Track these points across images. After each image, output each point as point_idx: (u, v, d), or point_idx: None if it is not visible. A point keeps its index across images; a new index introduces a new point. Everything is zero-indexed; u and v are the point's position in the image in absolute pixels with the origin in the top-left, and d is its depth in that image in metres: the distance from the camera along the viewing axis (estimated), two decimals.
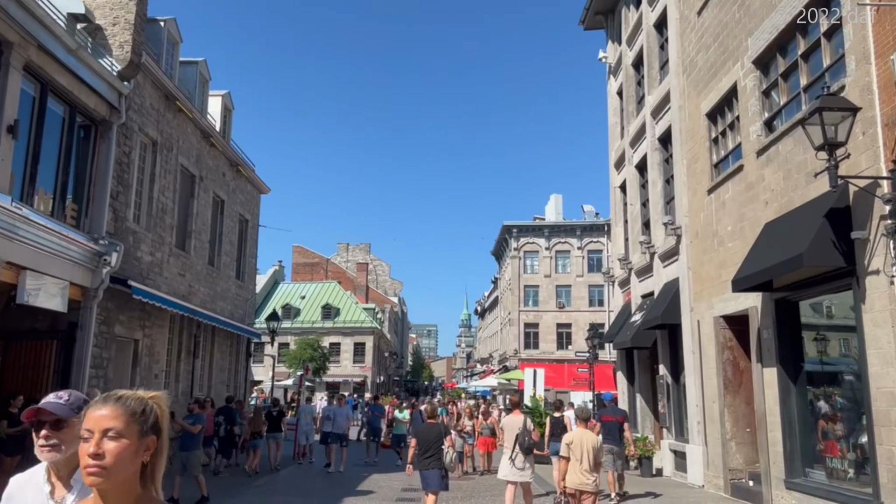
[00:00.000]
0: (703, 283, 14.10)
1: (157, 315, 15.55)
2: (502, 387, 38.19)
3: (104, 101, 12.92)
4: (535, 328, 56.33)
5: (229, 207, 20.65)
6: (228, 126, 21.36)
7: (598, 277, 55.70)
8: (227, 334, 20.26)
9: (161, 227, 15.88)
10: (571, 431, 8.74)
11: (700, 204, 14.31)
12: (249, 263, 22.91)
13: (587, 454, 8.07)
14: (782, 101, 11.14)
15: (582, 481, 8.06)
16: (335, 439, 16.73)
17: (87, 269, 12.45)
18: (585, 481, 8.05)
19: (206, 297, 18.75)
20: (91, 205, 12.93)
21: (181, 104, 16.38)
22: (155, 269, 15.51)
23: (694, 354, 14.52)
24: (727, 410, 12.85)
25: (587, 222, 57.49)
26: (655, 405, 18.45)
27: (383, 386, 68.42)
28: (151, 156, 15.55)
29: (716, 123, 13.90)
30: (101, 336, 13.19)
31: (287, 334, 61.40)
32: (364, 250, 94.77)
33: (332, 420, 16.87)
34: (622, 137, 21.53)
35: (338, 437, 16.67)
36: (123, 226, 13.98)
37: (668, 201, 17.10)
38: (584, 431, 8.41)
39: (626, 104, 20.65)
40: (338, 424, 16.74)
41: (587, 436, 8.30)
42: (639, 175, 19.57)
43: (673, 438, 16.23)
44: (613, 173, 22.09)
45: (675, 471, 15.85)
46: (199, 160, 18.16)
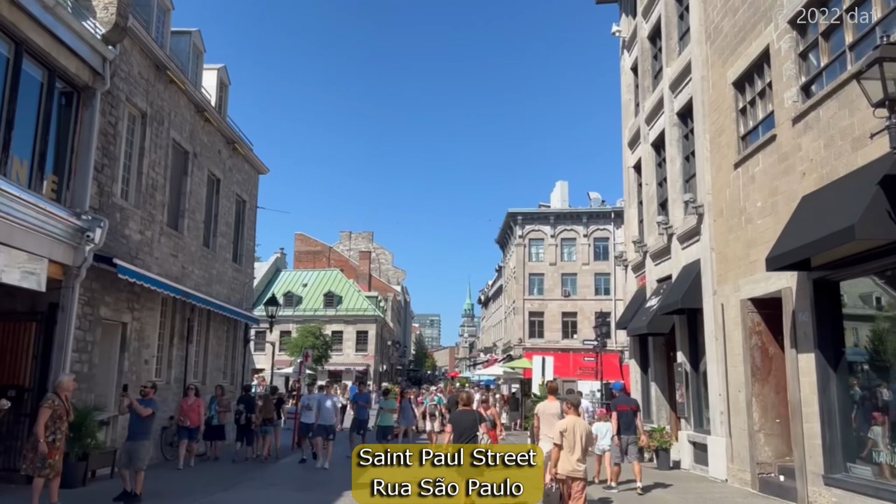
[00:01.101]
0: (728, 264, 13.19)
1: (147, 297, 14.71)
2: (508, 375, 37.30)
3: (87, 65, 12.01)
4: (541, 317, 55.47)
5: (225, 187, 19.76)
6: (225, 102, 20.45)
7: (604, 265, 54.87)
8: (223, 319, 19.42)
9: (151, 204, 15.01)
10: (563, 419, 8.73)
11: (725, 180, 13.38)
12: (247, 246, 22.04)
13: (580, 442, 8.20)
14: (823, 62, 10.18)
15: (574, 468, 8.17)
16: (320, 432, 15.02)
17: (69, 245, 11.59)
18: (577, 468, 8.17)
19: (201, 279, 17.90)
20: (73, 177, 12.05)
21: (172, 74, 15.47)
22: (145, 248, 14.64)
23: (717, 340, 13.64)
24: (755, 400, 11.97)
25: (593, 209, 56.47)
26: (671, 394, 17.59)
27: (386, 375, 67.75)
28: (140, 128, 14.65)
29: (743, 92, 12.94)
30: (84, 318, 12.35)
31: (289, 322, 60.73)
32: (367, 238, 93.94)
33: (317, 410, 15.09)
34: (636, 115, 20.56)
35: (324, 430, 14.98)
36: (109, 201, 13.11)
37: (688, 179, 16.17)
38: (576, 419, 8.48)
39: (641, 79, 19.66)
40: (324, 415, 15.03)
41: (579, 423, 8.40)
42: (655, 153, 18.62)
43: (692, 429, 15.36)
44: (627, 153, 21.13)
45: (695, 463, 14.99)
46: (192, 135, 17.25)
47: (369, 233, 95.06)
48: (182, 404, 14.85)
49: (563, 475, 8.28)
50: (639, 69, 19.90)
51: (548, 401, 10.92)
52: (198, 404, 14.75)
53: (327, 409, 15.12)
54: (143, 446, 10.35)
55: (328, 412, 15.12)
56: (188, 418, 14.49)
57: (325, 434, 14.95)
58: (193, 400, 14.72)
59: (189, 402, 14.71)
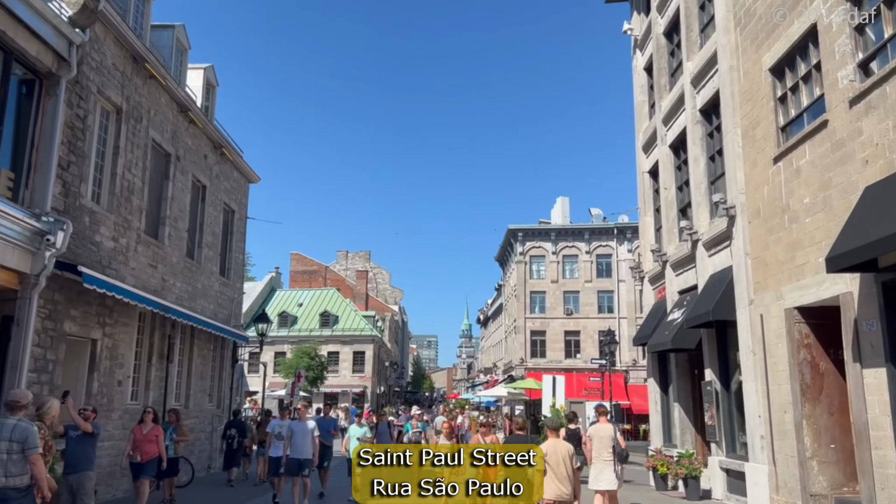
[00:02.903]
0: (767, 270, 11.82)
1: (121, 311, 13.27)
2: (512, 396, 35.70)
3: (50, 49, 10.68)
4: (542, 336, 53.97)
5: (212, 195, 18.40)
6: (212, 104, 19.17)
7: (607, 283, 53.54)
8: (208, 337, 17.96)
9: (127, 208, 13.63)
10: (545, 442, 8.66)
11: (762, 176, 12.06)
12: (236, 259, 20.64)
13: (562, 463, 8.22)
14: (887, 33, 8.90)
15: (561, 491, 8.16)
16: (292, 469, 12.16)
17: (25, 250, 10.18)
18: (564, 491, 8.17)
19: (184, 293, 16.47)
20: (32, 174, 10.66)
21: (152, 68, 14.17)
22: (119, 257, 13.24)
23: (755, 355, 12.24)
24: (806, 422, 10.54)
25: (596, 225, 55.24)
26: (697, 416, 16.16)
27: (384, 396, 65.99)
28: (115, 125, 13.32)
29: (782, 78, 11.67)
30: (45, 333, 10.90)
31: (284, 343, 59.08)
32: (364, 258, 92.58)
33: (290, 438, 12.28)
34: (651, 117, 19.32)
35: (296, 465, 12.12)
36: (77, 203, 11.73)
37: (714, 180, 14.86)
38: (557, 441, 8.52)
39: (656, 78, 18.44)
40: (296, 446, 12.14)
41: (560, 445, 8.43)
42: (673, 155, 17.33)
43: (724, 455, 13.90)
44: (641, 157, 19.85)
45: (728, 493, 13.52)
46: (175, 137, 15.92)
47: (366, 252, 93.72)
48: (134, 433, 11.33)
49: (550, 499, 8.19)
50: (654, 67, 18.68)
51: (600, 423, 10.90)
52: (156, 433, 11.29)
53: (300, 439, 12.22)
54: (88, 477, 8.68)
55: (302, 442, 12.19)
56: (140, 451, 11.04)
57: (297, 469, 12.14)
58: (150, 427, 11.30)
59: (144, 430, 11.24)
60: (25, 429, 6.16)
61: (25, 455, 6.07)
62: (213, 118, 18.80)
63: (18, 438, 6.06)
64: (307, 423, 12.51)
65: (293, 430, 12.33)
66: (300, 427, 12.38)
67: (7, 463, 5.99)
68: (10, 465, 6.00)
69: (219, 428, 18.98)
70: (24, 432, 6.11)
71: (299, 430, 12.31)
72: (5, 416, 6.33)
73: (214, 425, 18.73)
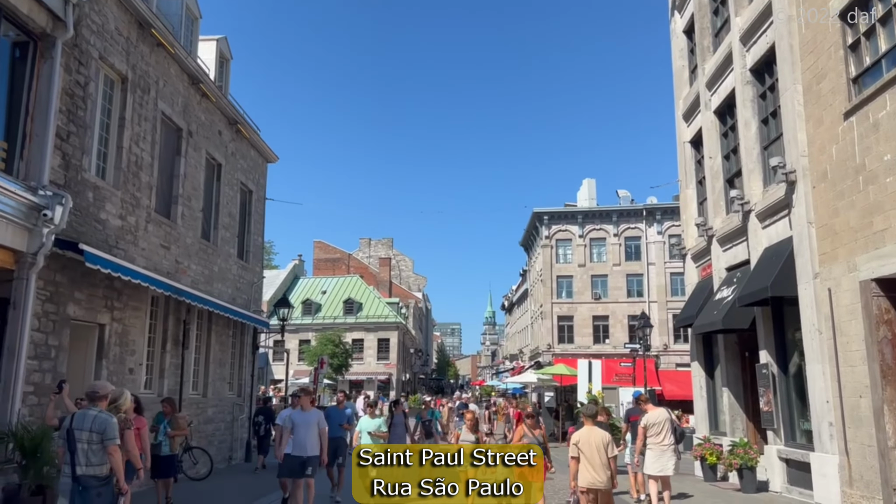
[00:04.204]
0: (837, 239, 10.62)
1: (131, 294, 12.44)
2: (542, 383, 34.58)
3: (43, 7, 9.76)
4: (570, 321, 52.73)
5: (228, 174, 17.51)
6: (225, 78, 18.26)
7: (636, 266, 52.10)
8: (227, 322, 17.12)
9: (135, 185, 12.76)
10: (579, 430, 8.47)
11: (829, 135, 10.83)
12: (255, 241, 19.77)
13: (597, 452, 7.97)
14: None
15: (595, 479, 7.92)
16: (293, 468, 9.95)
17: (21, 227, 9.33)
18: (598, 479, 7.91)
19: (200, 276, 15.63)
20: (28, 144, 9.79)
21: (159, 34, 13.25)
22: (127, 236, 12.39)
23: (821, 334, 11.06)
24: (887, 408, 9.37)
25: (624, 207, 53.68)
26: (748, 401, 15.01)
27: (409, 384, 65.32)
28: (120, 94, 12.43)
29: (852, 24, 10.41)
30: (46, 317, 10.07)
31: (308, 330, 58.59)
32: (387, 245, 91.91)
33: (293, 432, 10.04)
34: (692, 83, 18.04)
35: (298, 464, 9.90)
36: (79, 177, 10.86)
37: (768, 145, 13.63)
38: (592, 429, 8.25)
39: (698, 40, 17.14)
40: (297, 441, 9.93)
41: (595, 433, 8.16)
42: (719, 122, 16.07)
43: (782, 443, 12.76)
44: (681, 127, 18.58)
45: (789, 485, 12.38)
46: (186, 111, 15.02)
47: (389, 239, 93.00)
48: None
49: (584, 487, 8.05)
50: (695, 28, 17.37)
51: (650, 410, 10.96)
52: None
53: (303, 433, 9.99)
54: None
55: (304, 436, 9.97)
56: None
57: (299, 469, 9.91)
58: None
59: None
60: (105, 420, 6.31)
61: (104, 446, 6.23)
62: (228, 93, 17.88)
63: (98, 429, 6.23)
64: (310, 414, 10.22)
65: (294, 423, 10.10)
66: (302, 418, 10.10)
67: (88, 453, 6.20)
68: (90, 455, 6.20)
69: (240, 417, 18.23)
70: (103, 423, 6.27)
71: (301, 423, 10.06)
72: (87, 407, 6.47)
73: (235, 414, 17.96)
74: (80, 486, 6.14)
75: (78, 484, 6.14)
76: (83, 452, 6.20)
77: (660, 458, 10.54)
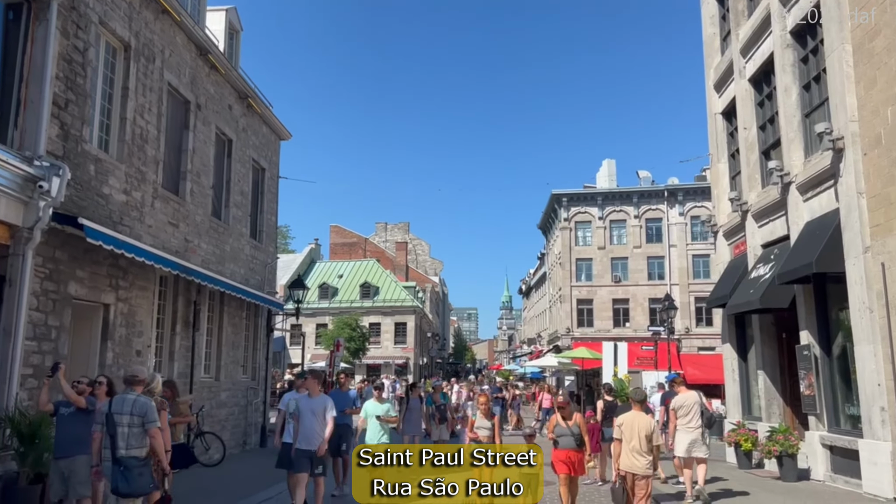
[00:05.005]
0: (892, 210, 9.80)
1: (137, 273, 11.88)
2: (563, 367, 33.93)
3: None
4: (589, 304, 51.95)
5: (239, 150, 16.89)
6: (235, 50, 17.58)
7: (657, 248, 51.14)
8: (239, 304, 16.58)
9: (141, 158, 12.17)
10: (624, 414, 8.50)
11: (884, 96, 9.98)
12: (268, 221, 19.18)
13: (638, 436, 7.95)
14: None
15: (633, 464, 7.95)
16: (301, 462, 8.54)
17: (16, 199, 8.77)
18: (637, 464, 7.94)
19: (210, 255, 15.06)
20: (22, 112, 9.20)
21: (163, 1, 12.59)
22: (132, 212, 11.81)
23: (872, 313, 10.27)
24: None
25: (644, 188, 52.61)
26: (785, 385, 14.27)
27: (426, 368, 64.97)
28: (123, 63, 11.80)
29: None
30: (45, 296, 9.53)
31: (325, 314, 58.32)
32: (403, 229, 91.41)
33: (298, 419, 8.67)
34: (724, 51, 17.12)
35: (306, 458, 8.51)
36: (79, 148, 10.27)
37: (810, 112, 12.77)
38: (637, 413, 8.28)
39: (731, 4, 16.19)
40: (303, 431, 8.56)
41: (639, 418, 8.16)
42: (754, 90, 15.19)
43: (825, 429, 12.00)
44: (712, 97, 17.67)
45: (833, 473, 11.64)
46: (194, 83, 14.40)
47: (405, 223, 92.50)
48: None
49: (625, 471, 8.05)
50: None
51: (681, 392, 10.88)
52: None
53: (308, 422, 8.58)
54: (82, 463, 7.19)
55: (309, 426, 8.57)
56: None
57: (306, 465, 8.51)
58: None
59: None
60: (145, 404, 6.52)
61: (145, 429, 6.44)
62: (238, 66, 17.22)
63: (139, 413, 6.42)
64: (318, 401, 8.73)
65: (300, 410, 8.67)
66: (309, 405, 8.65)
67: (128, 436, 6.36)
68: (130, 438, 6.37)
69: (254, 401, 17.74)
70: (143, 407, 6.48)
71: (306, 410, 8.61)
72: (126, 391, 6.63)
73: (249, 398, 17.47)
74: (121, 467, 6.28)
75: (119, 465, 6.28)
76: (123, 436, 6.34)
77: (687, 440, 10.45)
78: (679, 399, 10.77)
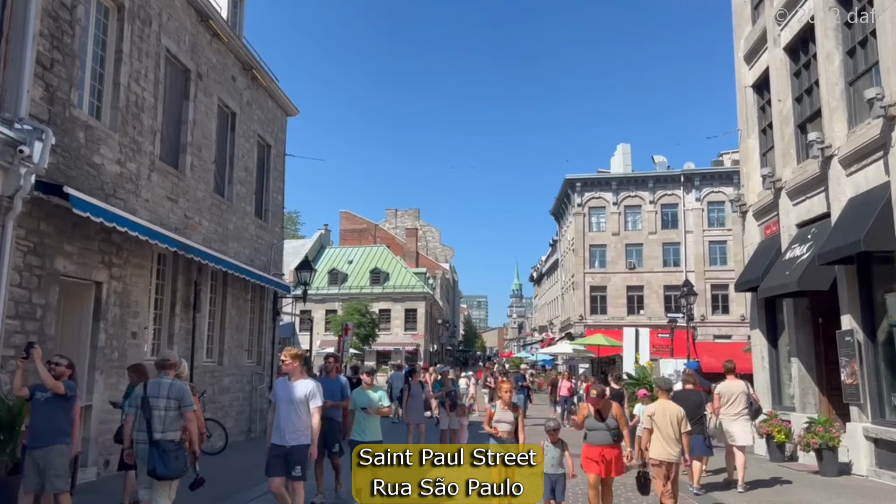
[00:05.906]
0: None
1: (132, 250, 11.15)
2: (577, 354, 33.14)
3: None
4: (603, 291, 51.04)
5: (243, 124, 16.12)
6: (239, 19, 16.78)
7: (673, 234, 50.12)
8: (244, 285, 15.86)
9: (136, 128, 11.40)
10: (654, 402, 8.42)
11: None
12: (274, 200, 18.43)
13: (670, 425, 7.88)
14: None
15: (668, 453, 7.89)
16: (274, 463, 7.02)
17: None
18: (671, 452, 7.89)
19: (213, 234, 14.33)
20: (2, 70, 8.44)
21: None
22: (127, 185, 11.07)
23: None
24: None
25: (660, 173, 51.50)
26: (821, 372, 13.43)
27: (437, 355, 64.36)
28: (116, 24, 11.01)
29: None
30: (29, 271, 8.81)
31: (335, 300, 57.79)
32: (413, 216, 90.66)
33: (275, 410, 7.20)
34: (755, 21, 16.15)
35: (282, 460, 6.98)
36: (67, 113, 9.52)
37: (854, 80, 11.85)
38: (668, 402, 8.22)
39: None
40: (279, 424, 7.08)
41: (670, 406, 8.11)
42: (790, 60, 14.24)
43: (870, 421, 11.16)
44: (742, 69, 16.71)
45: (878, 468, 10.81)
46: (195, 50, 13.61)
47: (415, 210, 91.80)
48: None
49: (655, 460, 7.96)
50: None
51: (729, 380, 10.81)
52: None
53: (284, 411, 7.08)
54: (58, 453, 6.45)
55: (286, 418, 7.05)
56: None
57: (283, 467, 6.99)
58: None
59: None
60: (181, 388, 6.58)
61: (181, 412, 6.47)
62: (242, 35, 16.41)
63: (175, 396, 6.45)
64: (297, 386, 7.11)
65: (276, 396, 7.27)
66: (284, 391, 7.15)
67: (164, 419, 6.37)
68: (166, 422, 6.38)
69: (259, 387, 17.05)
70: (180, 391, 6.52)
71: (283, 397, 7.13)
72: (160, 376, 6.61)
73: (255, 384, 16.79)
74: (158, 450, 6.26)
75: (157, 448, 6.26)
76: (160, 419, 6.34)
77: (728, 427, 10.52)
78: (723, 386, 10.82)
